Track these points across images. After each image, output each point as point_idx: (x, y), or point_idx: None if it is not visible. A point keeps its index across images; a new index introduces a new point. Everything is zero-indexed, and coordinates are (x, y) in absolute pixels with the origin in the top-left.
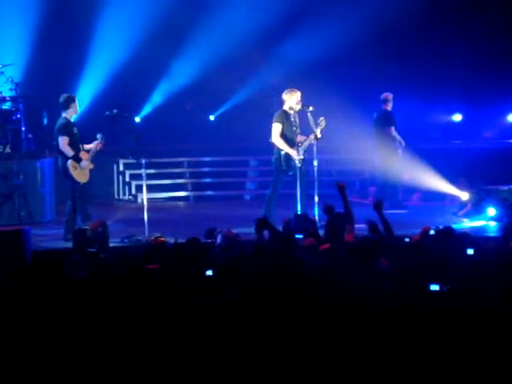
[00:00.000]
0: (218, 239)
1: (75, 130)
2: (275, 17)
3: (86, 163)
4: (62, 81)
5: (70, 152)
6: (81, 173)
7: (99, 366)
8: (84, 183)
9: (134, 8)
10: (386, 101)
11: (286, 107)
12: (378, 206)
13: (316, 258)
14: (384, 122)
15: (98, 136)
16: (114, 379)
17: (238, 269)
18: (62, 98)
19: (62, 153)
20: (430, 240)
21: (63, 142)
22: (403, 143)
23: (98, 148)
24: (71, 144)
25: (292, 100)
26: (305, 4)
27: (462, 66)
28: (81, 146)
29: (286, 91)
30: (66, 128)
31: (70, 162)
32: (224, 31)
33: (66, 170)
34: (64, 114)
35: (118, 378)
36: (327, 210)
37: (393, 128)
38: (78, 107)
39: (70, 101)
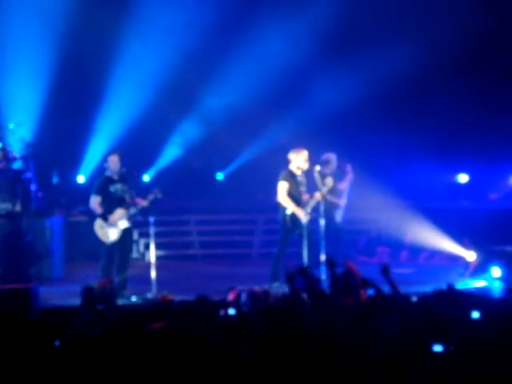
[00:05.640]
0: (243, 298)
1: (112, 189)
2: (282, 77)
3: (113, 223)
4: (72, 141)
5: (96, 211)
6: (105, 232)
7: None
8: (112, 243)
9: (144, 68)
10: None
11: (292, 166)
12: (385, 271)
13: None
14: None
15: (155, 191)
16: None
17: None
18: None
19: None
20: (434, 300)
21: (91, 200)
22: (340, 203)
23: (143, 204)
24: (105, 203)
25: (299, 159)
26: (313, 65)
27: (468, 126)
28: (122, 203)
29: (292, 150)
30: (99, 186)
31: (97, 220)
32: (232, 91)
33: (93, 227)
34: (106, 172)
35: None
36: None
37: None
38: (113, 163)
39: (106, 157)
